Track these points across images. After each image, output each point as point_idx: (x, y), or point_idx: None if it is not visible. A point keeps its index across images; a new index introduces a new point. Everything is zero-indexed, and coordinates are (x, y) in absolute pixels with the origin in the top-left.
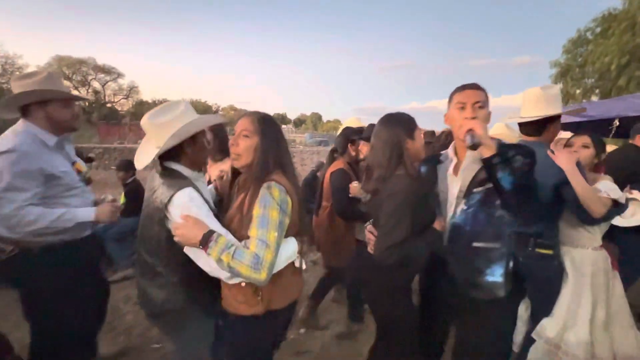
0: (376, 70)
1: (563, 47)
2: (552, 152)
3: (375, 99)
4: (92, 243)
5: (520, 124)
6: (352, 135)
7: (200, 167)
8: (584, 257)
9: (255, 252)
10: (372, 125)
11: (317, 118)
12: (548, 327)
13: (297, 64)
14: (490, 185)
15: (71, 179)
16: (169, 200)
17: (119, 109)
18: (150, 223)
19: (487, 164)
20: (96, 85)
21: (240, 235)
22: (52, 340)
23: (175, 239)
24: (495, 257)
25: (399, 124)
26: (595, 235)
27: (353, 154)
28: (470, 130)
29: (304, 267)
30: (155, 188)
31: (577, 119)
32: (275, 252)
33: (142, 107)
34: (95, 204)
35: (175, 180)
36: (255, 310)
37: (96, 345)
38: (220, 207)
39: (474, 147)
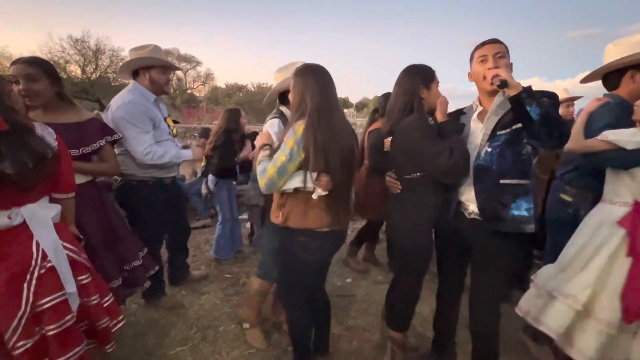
0: (451, 48)
1: None
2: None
3: (447, 79)
4: (173, 185)
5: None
6: None
7: None
8: (606, 212)
9: (268, 165)
10: None
11: None
12: (545, 274)
13: (371, 44)
14: (516, 126)
15: (164, 128)
16: (266, 122)
17: (197, 94)
18: None
19: (515, 100)
20: (179, 73)
21: None
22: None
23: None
24: (521, 192)
25: (418, 73)
26: (618, 190)
27: None
28: (495, 76)
29: (315, 197)
30: None
31: None
32: (279, 170)
33: (216, 92)
34: (184, 148)
35: (275, 114)
36: (277, 221)
37: (188, 266)
38: None
39: (503, 85)
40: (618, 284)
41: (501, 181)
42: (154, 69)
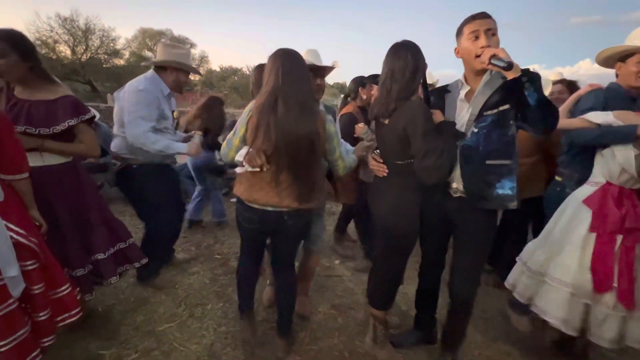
0: (449, 32)
1: None
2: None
3: (445, 65)
4: (170, 171)
5: None
6: (365, 79)
7: None
8: (579, 191)
9: None
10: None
11: None
12: (531, 252)
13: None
14: (504, 107)
15: (170, 122)
16: None
17: (192, 77)
18: None
19: (514, 83)
20: None
21: None
22: (152, 229)
23: None
24: (505, 172)
25: (419, 50)
26: (595, 170)
27: (364, 97)
28: (494, 56)
29: (238, 171)
30: None
31: None
32: (227, 141)
33: (211, 76)
34: (186, 139)
35: None
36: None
37: (173, 250)
38: None
39: (509, 67)
40: (578, 252)
41: (487, 162)
42: (182, 71)
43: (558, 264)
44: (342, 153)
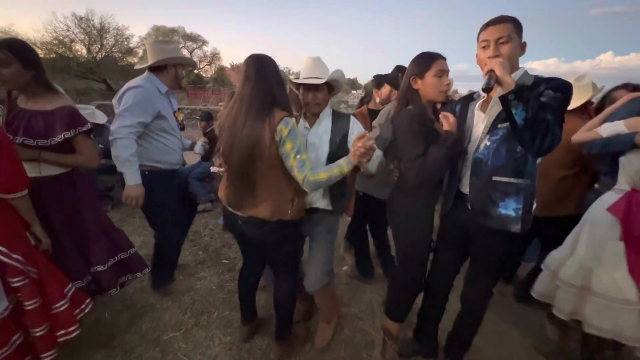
0: (464, 26)
1: None
2: None
3: (458, 60)
4: (177, 175)
5: None
6: (381, 79)
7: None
8: (603, 198)
9: None
10: (399, 67)
11: None
12: (559, 260)
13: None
14: None
15: (172, 121)
16: None
17: (203, 75)
18: None
19: (503, 100)
20: (185, 53)
21: None
22: (162, 237)
23: None
24: (512, 191)
25: (415, 61)
26: (619, 177)
27: (377, 99)
28: (490, 71)
29: (212, 169)
30: None
31: None
32: None
33: (222, 73)
34: (191, 146)
35: None
36: None
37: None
38: None
39: (487, 90)
40: (615, 264)
41: (494, 178)
42: (180, 66)
43: (600, 278)
44: (299, 163)
